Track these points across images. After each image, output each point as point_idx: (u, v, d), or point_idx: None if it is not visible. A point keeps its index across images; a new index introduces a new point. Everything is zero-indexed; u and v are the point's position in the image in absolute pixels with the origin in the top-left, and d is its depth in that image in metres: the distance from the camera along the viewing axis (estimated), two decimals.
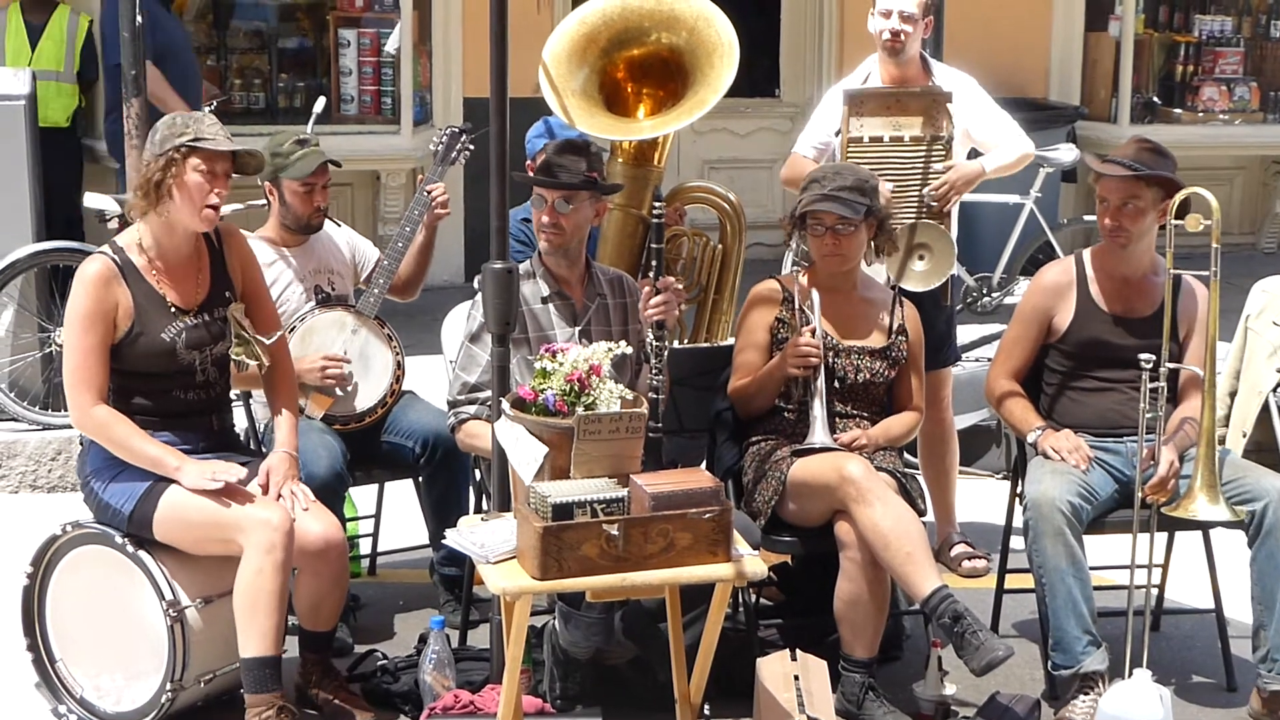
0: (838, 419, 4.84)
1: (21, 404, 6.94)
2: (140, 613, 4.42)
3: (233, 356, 4.57)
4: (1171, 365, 4.67)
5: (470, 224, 9.78)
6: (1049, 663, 4.70)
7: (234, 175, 4.49)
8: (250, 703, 4.32)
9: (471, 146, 5.49)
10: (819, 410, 4.76)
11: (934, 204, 5.35)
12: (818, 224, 4.84)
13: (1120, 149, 4.93)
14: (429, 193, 5.33)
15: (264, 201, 5.36)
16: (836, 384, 4.85)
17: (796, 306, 4.89)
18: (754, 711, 4.40)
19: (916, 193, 5.36)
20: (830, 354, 4.83)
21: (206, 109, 4.56)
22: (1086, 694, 4.57)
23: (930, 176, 5.35)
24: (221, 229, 4.63)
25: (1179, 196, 4.64)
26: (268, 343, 4.60)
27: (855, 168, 5.00)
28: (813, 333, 4.80)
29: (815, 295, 4.86)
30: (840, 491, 4.53)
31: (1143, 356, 4.50)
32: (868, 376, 4.89)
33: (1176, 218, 4.61)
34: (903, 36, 5.44)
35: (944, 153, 5.37)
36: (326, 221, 5.36)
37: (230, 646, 4.36)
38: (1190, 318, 4.90)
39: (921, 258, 5.34)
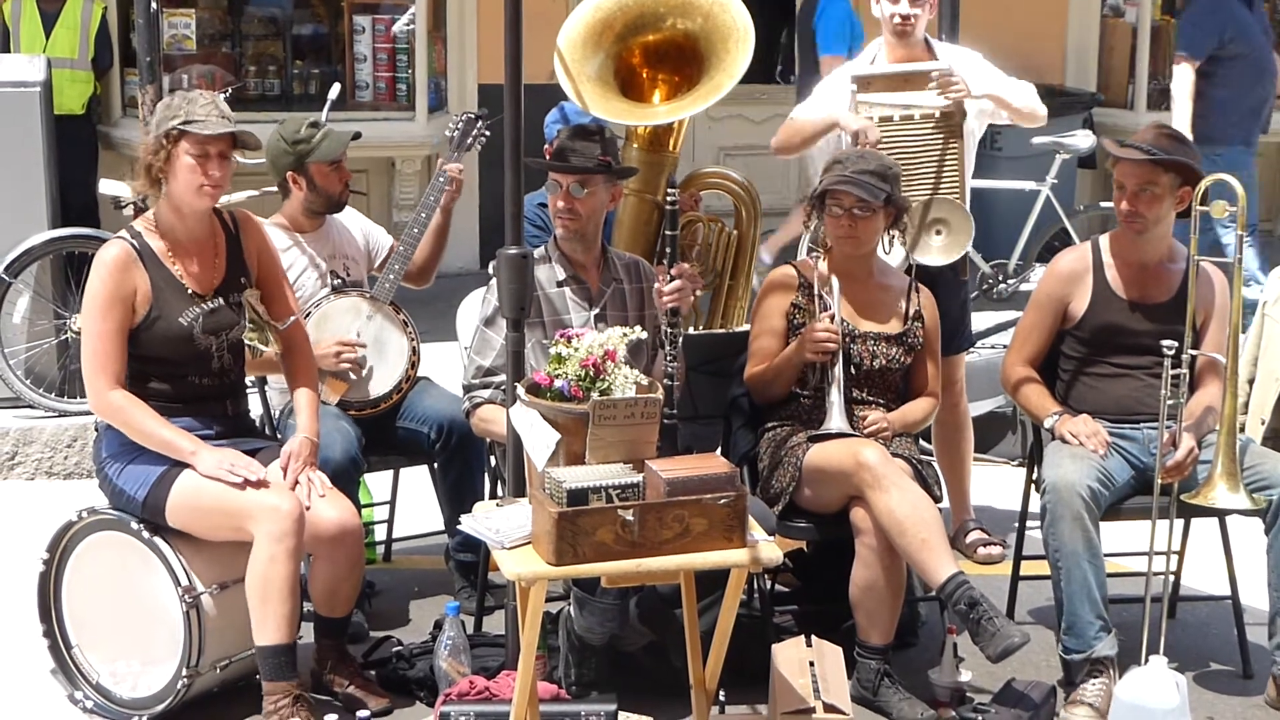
0: (854, 405, 4.83)
1: (37, 391, 6.95)
2: (156, 599, 4.43)
3: (246, 341, 4.58)
4: (1195, 352, 4.64)
5: (485, 210, 9.80)
6: (1061, 646, 4.69)
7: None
8: (267, 690, 4.33)
9: (487, 133, 5.49)
10: (836, 396, 4.74)
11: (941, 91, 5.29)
12: (836, 204, 4.83)
13: (1139, 134, 4.91)
14: (447, 171, 5.32)
15: (276, 188, 5.37)
16: (853, 370, 4.84)
17: (815, 292, 4.88)
18: (769, 698, 4.40)
19: (929, 170, 5.35)
20: (847, 340, 4.82)
21: (220, 95, 4.53)
22: (1097, 677, 4.57)
23: (947, 154, 5.33)
24: (238, 215, 4.64)
25: (1204, 183, 4.61)
26: (281, 329, 4.61)
27: (879, 154, 4.99)
28: (831, 318, 4.79)
29: (835, 281, 4.85)
30: (856, 477, 4.53)
31: (1165, 343, 4.47)
32: (884, 362, 4.87)
33: (1201, 204, 4.59)
34: (913, 20, 5.42)
35: (955, 129, 5.35)
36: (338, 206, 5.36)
37: (246, 633, 4.36)
38: (1207, 304, 4.87)
39: (939, 233, 5.33)
